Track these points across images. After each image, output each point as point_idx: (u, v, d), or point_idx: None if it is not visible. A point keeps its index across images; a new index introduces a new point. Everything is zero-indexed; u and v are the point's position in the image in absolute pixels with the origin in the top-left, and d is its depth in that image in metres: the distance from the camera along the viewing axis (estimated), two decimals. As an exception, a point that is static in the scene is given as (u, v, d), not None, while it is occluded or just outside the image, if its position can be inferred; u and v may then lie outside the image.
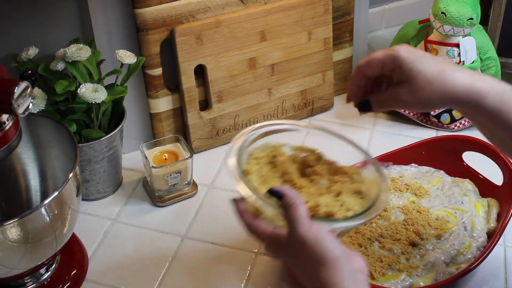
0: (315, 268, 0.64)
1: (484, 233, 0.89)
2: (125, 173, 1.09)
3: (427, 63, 0.68)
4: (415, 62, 0.68)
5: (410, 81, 0.69)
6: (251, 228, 0.69)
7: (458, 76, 0.68)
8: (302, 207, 0.65)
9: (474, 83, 0.68)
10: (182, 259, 0.93)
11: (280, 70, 1.15)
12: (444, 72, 0.68)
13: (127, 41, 1.03)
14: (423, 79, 0.68)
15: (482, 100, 0.67)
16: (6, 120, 0.71)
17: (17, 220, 0.72)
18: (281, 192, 0.66)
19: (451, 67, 0.68)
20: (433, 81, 0.67)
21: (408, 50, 0.70)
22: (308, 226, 0.64)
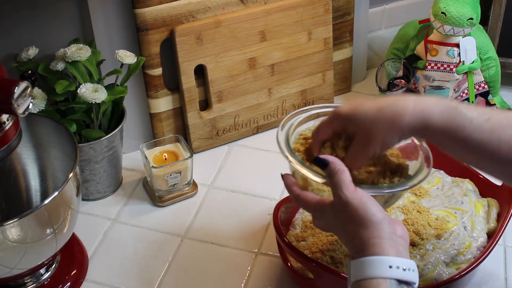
0: (357, 229, 0.66)
1: (484, 233, 0.89)
2: (125, 173, 1.09)
3: (366, 107, 0.70)
4: (355, 112, 0.71)
5: (359, 131, 0.71)
6: (299, 198, 0.73)
7: (399, 106, 0.68)
8: (347, 173, 0.68)
9: (416, 107, 0.68)
10: (182, 259, 0.93)
11: (280, 70, 1.15)
12: (384, 108, 0.69)
13: (127, 41, 1.03)
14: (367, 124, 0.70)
15: (429, 121, 0.68)
16: (6, 120, 0.71)
17: (17, 220, 0.72)
18: (326, 160, 0.69)
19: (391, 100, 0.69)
20: (375, 119, 0.69)
21: (348, 104, 0.72)
22: (352, 190, 0.67)
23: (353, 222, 0.67)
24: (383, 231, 0.66)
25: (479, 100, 1.17)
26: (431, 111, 0.68)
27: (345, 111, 0.72)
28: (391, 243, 0.65)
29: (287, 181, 0.76)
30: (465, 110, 0.68)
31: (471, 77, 1.14)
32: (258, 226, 0.98)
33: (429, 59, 1.12)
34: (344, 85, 1.28)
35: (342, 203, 0.67)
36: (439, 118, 0.68)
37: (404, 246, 0.67)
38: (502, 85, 1.21)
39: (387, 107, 0.69)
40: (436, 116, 0.68)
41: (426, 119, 0.68)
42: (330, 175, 0.69)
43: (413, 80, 1.15)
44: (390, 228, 0.66)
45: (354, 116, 0.71)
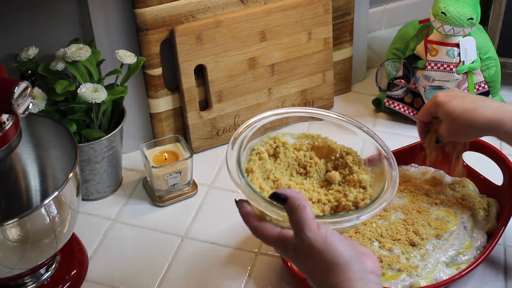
0: (324, 273, 0.63)
1: (484, 233, 0.89)
2: (125, 173, 1.09)
3: (454, 105, 0.84)
4: (447, 103, 0.85)
5: (445, 119, 0.86)
6: (257, 231, 0.67)
7: (479, 111, 0.82)
8: (308, 209, 0.63)
9: (493, 113, 0.81)
10: (182, 259, 0.93)
11: (280, 70, 1.15)
12: (467, 111, 0.83)
13: (127, 41, 1.03)
14: (450, 117, 0.85)
15: (501, 127, 0.81)
16: (6, 120, 0.71)
17: (17, 220, 0.72)
18: (284, 195, 0.64)
19: (476, 104, 0.83)
20: (457, 119, 0.84)
21: (445, 94, 0.87)
22: (315, 229, 0.62)
23: (319, 266, 0.63)
24: (352, 273, 0.62)
25: (479, 100, 1.17)
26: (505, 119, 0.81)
27: (440, 99, 0.86)
28: (361, 284, 0.62)
29: (242, 210, 0.69)
30: None
31: (471, 77, 1.14)
32: (258, 226, 0.98)
33: (429, 59, 1.12)
34: (344, 85, 1.28)
35: (304, 246, 0.63)
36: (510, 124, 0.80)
37: (376, 282, 0.63)
38: (502, 85, 1.21)
39: (470, 111, 0.83)
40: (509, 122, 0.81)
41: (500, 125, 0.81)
42: (289, 212, 0.63)
43: (413, 80, 1.15)
44: (360, 266, 0.63)
45: (444, 107, 0.85)
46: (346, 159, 0.77)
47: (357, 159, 0.77)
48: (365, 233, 0.88)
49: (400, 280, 0.82)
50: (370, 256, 0.65)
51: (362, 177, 0.74)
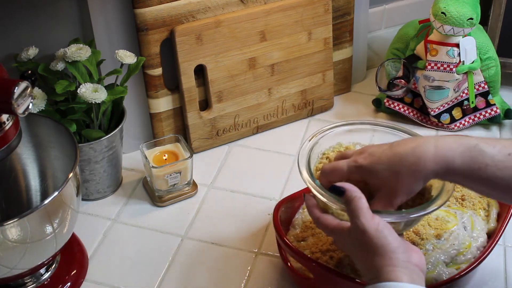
0: (372, 257, 0.68)
1: (484, 233, 0.89)
2: (125, 173, 1.09)
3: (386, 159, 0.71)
4: (376, 164, 0.72)
5: (384, 183, 0.72)
6: (319, 221, 0.75)
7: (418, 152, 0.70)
8: (363, 199, 0.70)
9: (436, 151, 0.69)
10: (182, 259, 0.93)
11: (280, 70, 1.15)
12: (403, 157, 0.70)
13: (127, 41, 1.03)
14: (391, 175, 0.71)
15: (452, 165, 0.69)
16: (6, 120, 0.71)
17: (17, 220, 0.72)
18: (342, 187, 0.71)
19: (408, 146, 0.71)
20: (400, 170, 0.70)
21: (368, 155, 0.73)
22: (369, 217, 0.69)
23: (368, 249, 0.68)
24: (397, 260, 0.67)
25: (479, 100, 1.17)
26: (452, 154, 0.69)
27: (366, 164, 0.72)
28: (405, 271, 0.66)
29: (308, 203, 0.78)
30: (485, 148, 0.69)
31: (471, 77, 1.14)
32: (258, 226, 0.98)
33: (429, 59, 1.12)
34: (344, 85, 1.28)
35: (359, 231, 0.69)
36: (460, 161, 0.69)
37: (419, 275, 0.68)
38: (502, 85, 1.21)
39: (408, 155, 0.70)
40: (457, 159, 0.69)
41: (449, 163, 0.69)
42: (347, 203, 0.71)
43: (413, 80, 1.15)
44: (405, 256, 0.68)
45: (375, 169, 0.72)
46: None
47: None
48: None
49: (400, 280, 0.82)
50: (417, 252, 0.70)
51: None
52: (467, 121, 1.18)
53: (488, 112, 1.17)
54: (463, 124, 1.18)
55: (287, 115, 1.20)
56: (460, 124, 1.18)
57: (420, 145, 0.70)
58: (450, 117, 1.17)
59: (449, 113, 1.17)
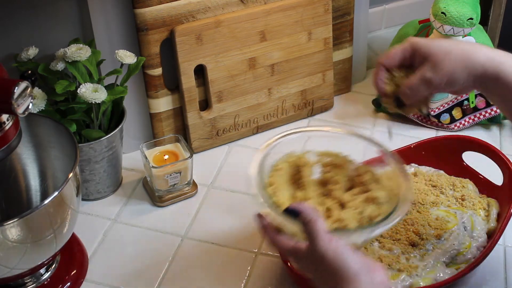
0: (335, 282, 0.65)
1: (484, 233, 0.89)
2: (125, 173, 1.09)
3: (441, 41, 0.72)
4: (431, 42, 0.72)
5: (430, 58, 0.71)
6: (274, 242, 0.72)
7: (476, 45, 0.71)
8: (320, 221, 0.67)
9: (493, 53, 0.70)
10: (182, 259, 0.93)
11: (280, 70, 1.15)
12: (461, 43, 0.71)
13: (127, 41, 1.03)
14: (441, 52, 0.70)
15: (503, 67, 0.69)
16: (6, 120, 0.71)
17: (17, 220, 0.72)
18: (297, 209, 0.68)
19: (465, 42, 0.72)
20: (452, 50, 0.70)
21: (424, 39, 0.74)
22: (327, 241, 0.66)
23: (329, 274, 0.66)
24: (360, 283, 0.64)
25: (479, 100, 1.17)
26: (505, 59, 0.69)
27: (419, 40, 0.73)
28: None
29: (260, 223, 0.74)
30: None
31: (471, 77, 1.14)
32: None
33: (429, 59, 1.12)
34: (344, 85, 1.28)
35: (317, 255, 0.66)
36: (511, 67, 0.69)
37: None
38: (502, 85, 1.21)
39: (464, 43, 0.71)
40: (509, 64, 0.69)
41: (501, 65, 0.69)
42: (303, 225, 0.68)
43: (413, 80, 1.15)
44: (368, 278, 0.65)
45: (429, 46, 0.71)
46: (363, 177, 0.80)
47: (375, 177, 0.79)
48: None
49: (400, 280, 0.82)
50: (379, 270, 0.67)
51: (378, 194, 0.77)
52: (467, 121, 1.18)
53: (488, 112, 1.17)
54: (463, 124, 1.18)
55: (287, 115, 1.20)
56: (460, 124, 1.18)
57: (480, 45, 0.72)
58: (450, 117, 1.17)
59: (449, 113, 1.17)
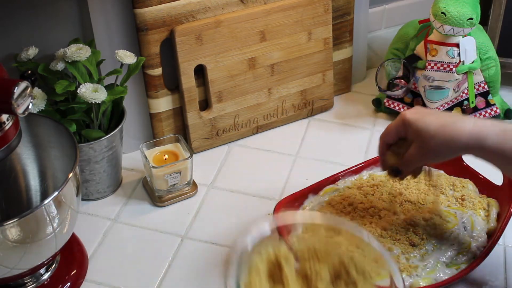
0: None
1: (484, 233, 0.89)
2: (125, 173, 1.09)
3: (429, 120, 0.77)
4: (418, 121, 0.77)
5: (417, 138, 0.78)
6: None
7: (458, 125, 0.75)
8: None
9: (474, 128, 0.74)
10: (182, 259, 0.93)
11: (280, 70, 1.15)
12: (446, 125, 0.75)
13: (127, 41, 1.03)
14: (426, 134, 0.76)
15: (485, 142, 0.73)
16: (6, 120, 0.71)
17: (17, 220, 0.72)
18: None
19: (453, 119, 0.76)
20: (436, 134, 0.75)
21: (414, 111, 0.79)
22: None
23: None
24: None
25: (479, 100, 1.17)
26: (487, 133, 0.73)
27: (409, 117, 0.78)
28: None
29: None
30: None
31: (471, 77, 1.14)
32: (258, 226, 0.98)
33: (429, 59, 1.12)
34: (344, 85, 1.28)
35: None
36: (494, 139, 0.73)
37: None
38: (502, 85, 1.21)
39: (448, 125, 0.75)
40: (491, 138, 0.73)
41: (482, 140, 0.73)
42: None
43: (413, 80, 1.15)
44: None
45: (416, 125, 0.77)
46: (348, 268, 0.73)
47: (360, 268, 0.73)
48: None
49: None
50: None
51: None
52: (467, 121, 1.18)
53: (488, 112, 1.17)
54: (463, 124, 1.18)
55: (287, 115, 1.20)
56: (460, 124, 1.18)
57: (461, 120, 0.76)
58: (450, 117, 1.17)
59: (449, 113, 1.17)
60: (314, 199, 0.95)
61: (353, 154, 1.12)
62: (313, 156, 1.13)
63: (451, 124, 0.75)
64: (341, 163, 1.09)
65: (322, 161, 1.12)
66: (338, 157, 1.12)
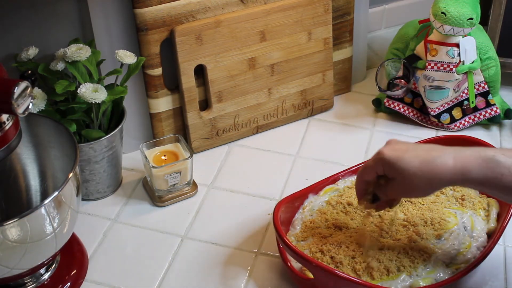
0: None
1: (484, 233, 0.89)
2: (125, 173, 1.09)
3: (409, 159, 0.75)
4: (397, 161, 0.75)
5: (398, 177, 0.76)
6: None
7: (439, 162, 0.73)
8: None
9: (456, 163, 0.73)
10: (182, 259, 0.93)
11: (280, 70, 1.15)
12: (427, 162, 0.74)
13: (127, 41, 1.03)
14: (407, 175, 0.74)
15: (468, 175, 0.73)
16: (6, 120, 0.71)
17: (17, 220, 0.72)
18: None
19: (432, 154, 0.74)
20: (417, 173, 0.74)
21: (391, 149, 0.77)
22: None
23: None
24: None
25: (479, 100, 1.17)
26: (469, 166, 0.73)
27: (388, 157, 0.76)
28: None
29: None
30: (502, 159, 0.73)
31: (471, 77, 1.14)
32: (258, 226, 0.98)
33: (429, 59, 1.12)
34: (344, 85, 1.28)
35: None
36: (477, 171, 0.72)
37: None
38: (502, 85, 1.21)
39: (429, 162, 0.74)
40: (474, 170, 0.72)
41: (466, 174, 0.73)
42: None
43: (413, 80, 1.15)
44: None
45: (397, 165, 0.75)
46: None
47: None
48: (365, 233, 0.88)
49: (400, 280, 0.82)
50: None
51: None
52: (467, 121, 1.18)
53: (488, 112, 1.17)
54: (463, 124, 1.18)
55: (287, 115, 1.20)
56: (460, 124, 1.18)
57: (441, 155, 0.74)
58: (450, 117, 1.17)
59: (449, 113, 1.17)
60: (314, 199, 0.95)
61: (353, 154, 1.12)
62: (313, 156, 1.13)
63: (431, 162, 0.73)
64: (341, 163, 1.09)
65: (322, 161, 1.12)
66: (338, 157, 1.12)
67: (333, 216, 0.92)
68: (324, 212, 0.92)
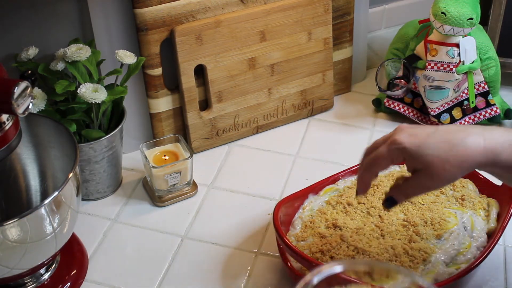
0: None
1: (484, 233, 0.89)
2: (125, 173, 1.09)
3: (434, 144, 0.68)
4: (422, 148, 0.68)
5: (427, 168, 0.68)
6: None
7: (469, 143, 0.68)
8: None
9: (486, 144, 0.68)
10: (182, 259, 0.93)
11: (280, 70, 1.15)
12: (455, 145, 0.67)
13: (127, 41, 1.03)
14: (438, 162, 0.67)
15: (498, 158, 0.67)
16: (6, 120, 0.71)
17: (17, 220, 0.72)
18: None
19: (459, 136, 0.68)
20: (449, 159, 0.67)
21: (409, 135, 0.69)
22: None
23: None
24: None
25: (479, 100, 1.17)
26: (500, 147, 0.68)
27: (410, 144, 0.68)
28: None
29: None
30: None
31: (471, 77, 1.14)
32: (258, 226, 0.98)
33: (429, 59, 1.12)
34: (344, 85, 1.28)
35: None
36: (507, 154, 0.68)
37: None
38: (502, 85, 1.21)
39: (459, 145, 0.67)
40: (504, 152, 0.67)
41: (496, 156, 0.68)
42: None
43: (413, 80, 1.15)
44: None
45: (423, 152, 0.68)
46: None
47: None
48: (365, 233, 0.88)
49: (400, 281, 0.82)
50: None
51: None
52: (467, 121, 1.18)
53: (488, 112, 1.17)
54: (463, 124, 1.18)
55: (287, 115, 1.20)
56: (460, 124, 1.18)
57: (470, 136, 0.68)
58: (450, 117, 1.17)
59: (449, 113, 1.17)
60: (314, 199, 0.95)
61: (353, 154, 1.11)
62: (313, 156, 1.13)
63: (461, 144, 0.67)
64: (341, 163, 1.09)
65: (322, 161, 1.12)
66: (338, 157, 1.12)
67: (333, 216, 0.92)
68: (324, 212, 0.92)
